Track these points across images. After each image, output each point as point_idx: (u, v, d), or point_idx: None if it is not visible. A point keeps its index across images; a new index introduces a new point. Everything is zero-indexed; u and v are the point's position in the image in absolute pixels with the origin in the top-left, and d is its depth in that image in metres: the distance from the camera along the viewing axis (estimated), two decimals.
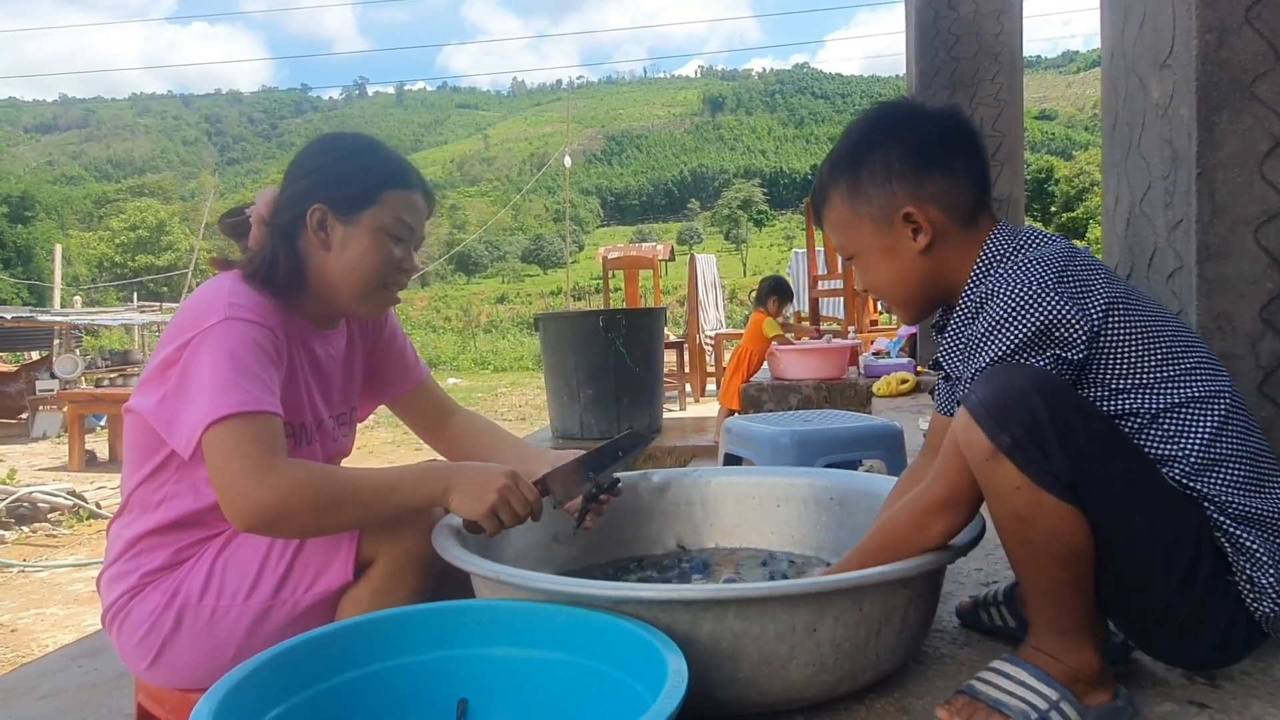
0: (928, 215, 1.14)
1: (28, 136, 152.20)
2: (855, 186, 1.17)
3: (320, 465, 1.20)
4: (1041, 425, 0.95)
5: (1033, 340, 1.02)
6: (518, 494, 1.23)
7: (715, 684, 1.04)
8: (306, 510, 1.13)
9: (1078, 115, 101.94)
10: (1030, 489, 0.96)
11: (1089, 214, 37.58)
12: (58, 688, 1.72)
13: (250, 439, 1.12)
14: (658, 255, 10.22)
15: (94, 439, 9.51)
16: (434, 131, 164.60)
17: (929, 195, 1.14)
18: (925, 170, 1.14)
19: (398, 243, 1.33)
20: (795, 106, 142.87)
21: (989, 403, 0.97)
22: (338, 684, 0.99)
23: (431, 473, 1.24)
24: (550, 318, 4.88)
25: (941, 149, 1.15)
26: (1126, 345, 1.03)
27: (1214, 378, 1.05)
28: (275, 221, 1.31)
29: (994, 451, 0.96)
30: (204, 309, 1.19)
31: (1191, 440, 1.01)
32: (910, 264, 1.17)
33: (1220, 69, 1.33)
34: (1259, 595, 1.00)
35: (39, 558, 5.19)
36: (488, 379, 18.87)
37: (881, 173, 1.15)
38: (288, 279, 1.29)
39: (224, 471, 1.11)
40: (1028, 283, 1.03)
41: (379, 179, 1.32)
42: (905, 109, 1.20)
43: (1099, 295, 1.04)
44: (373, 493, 1.19)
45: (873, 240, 1.18)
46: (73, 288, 30.39)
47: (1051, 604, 1.03)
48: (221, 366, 1.14)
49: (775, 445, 2.15)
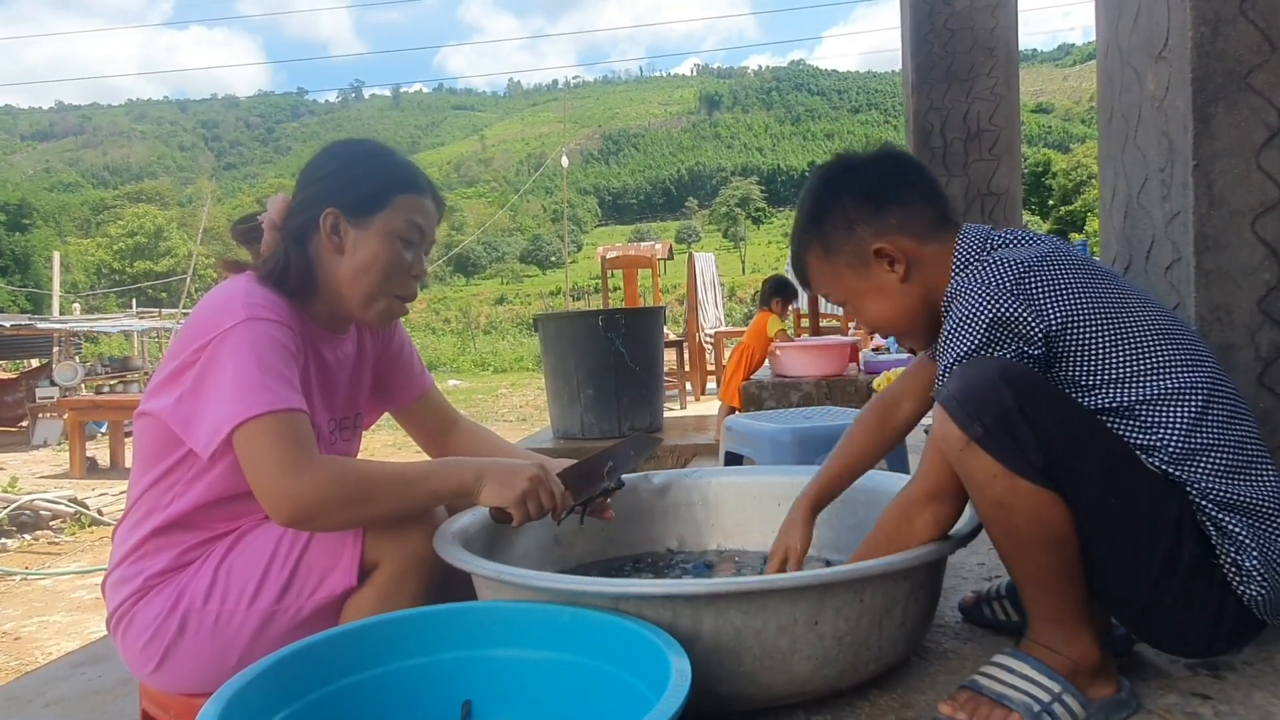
0: (898, 245, 1.20)
1: (24, 144, 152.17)
2: (825, 244, 1.25)
3: (352, 460, 1.21)
4: (1010, 413, 0.98)
5: (992, 333, 1.05)
6: (546, 486, 1.26)
7: (717, 679, 1.04)
8: (343, 503, 1.16)
9: (1074, 108, 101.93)
10: (1006, 476, 0.99)
11: (1087, 206, 37.58)
12: (62, 695, 1.72)
13: (283, 437, 1.13)
14: (656, 254, 10.22)
15: (95, 446, 9.51)
16: (430, 133, 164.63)
17: (892, 228, 1.21)
18: (881, 207, 1.21)
19: (409, 246, 1.34)
20: (792, 103, 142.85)
21: (960, 395, 1.01)
22: (342, 687, 0.99)
23: (464, 464, 1.27)
24: (550, 318, 4.88)
25: (889, 186, 1.23)
26: (1095, 343, 1.06)
27: (1193, 369, 1.06)
28: (288, 226, 1.33)
29: (967, 442, 1.00)
30: (221, 311, 1.20)
31: (1168, 432, 1.03)
32: (898, 294, 1.22)
33: (1215, 61, 1.33)
34: (1245, 579, 1.01)
35: (41, 565, 5.19)
36: (488, 380, 18.88)
37: (843, 223, 1.23)
38: (299, 282, 1.30)
39: (260, 470, 1.13)
40: (986, 283, 1.08)
41: (390, 183, 1.33)
42: (845, 163, 1.27)
43: (1062, 298, 1.07)
44: (406, 483, 1.21)
45: (858, 284, 1.24)
46: (71, 295, 30.37)
47: (1043, 593, 1.04)
48: (247, 366, 1.15)
49: (776, 443, 2.15)
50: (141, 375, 14.34)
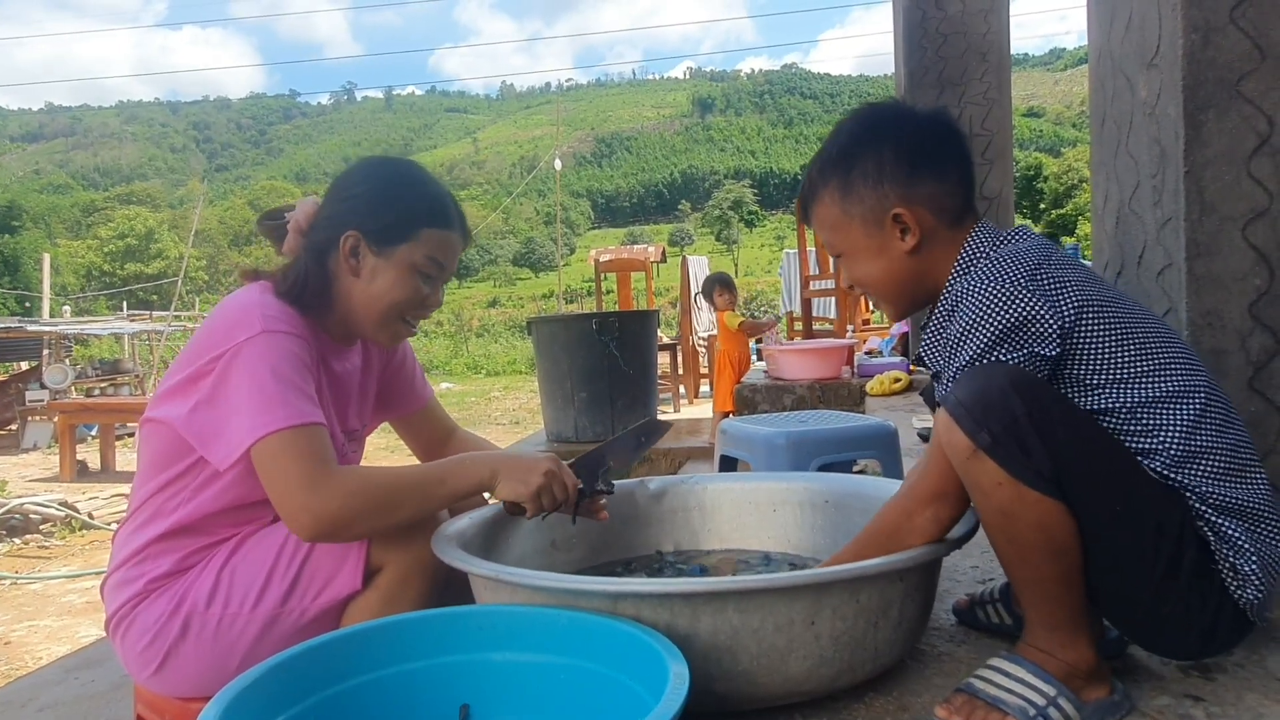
0: (917, 217, 1.16)
1: (14, 145, 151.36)
2: (846, 186, 1.18)
3: (370, 468, 1.21)
4: (1019, 422, 0.97)
5: (1006, 336, 1.03)
6: (559, 480, 1.27)
7: (714, 678, 1.04)
8: (366, 514, 1.16)
9: (1065, 112, 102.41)
10: (1012, 485, 0.97)
11: (1078, 210, 37.76)
12: (55, 699, 1.71)
13: (303, 452, 1.13)
14: (649, 257, 10.23)
15: (85, 449, 9.45)
16: (423, 136, 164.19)
17: (919, 198, 1.16)
18: (917, 173, 1.16)
19: (427, 280, 1.34)
20: (784, 107, 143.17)
21: (968, 402, 0.99)
22: (340, 691, 0.99)
23: (478, 460, 1.27)
24: (543, 321, 4.88)
25: (933, 152, 1.17)
26: (1101, 341, 1.05)
27: (1191, 373, 1.06)
28: (310, 238, 1.33)
29: (974, 450, 0.98)
30: (236, 322, 1.20)
31: (1170, 434, 1.03)
32: (897, 263, 1.18)
33: (1206, 68, 1.34)
34: (1242, 583, 1.01)
35: (31, 570, 5.16)
36: (481, 383, 18.83)
37: (874, 174, 1.16)
38: (315, 297, 1.30)
39: (281, 485, 1.13)
40: (1000, 280, 1.05)
41: (418, 215, 1.32)
42: (896, 110, 1.21)
43: (1072, 292, 1.06)
44: (425, 486, 1.22)
45: (862, 239, 1.19)
46: (61, 297, 30.19)
47: (1043, 599, 1.04)
48: (265, 380, 1.15)
49: (771, 446, 2.16)
50: (132, 378, 14.26)
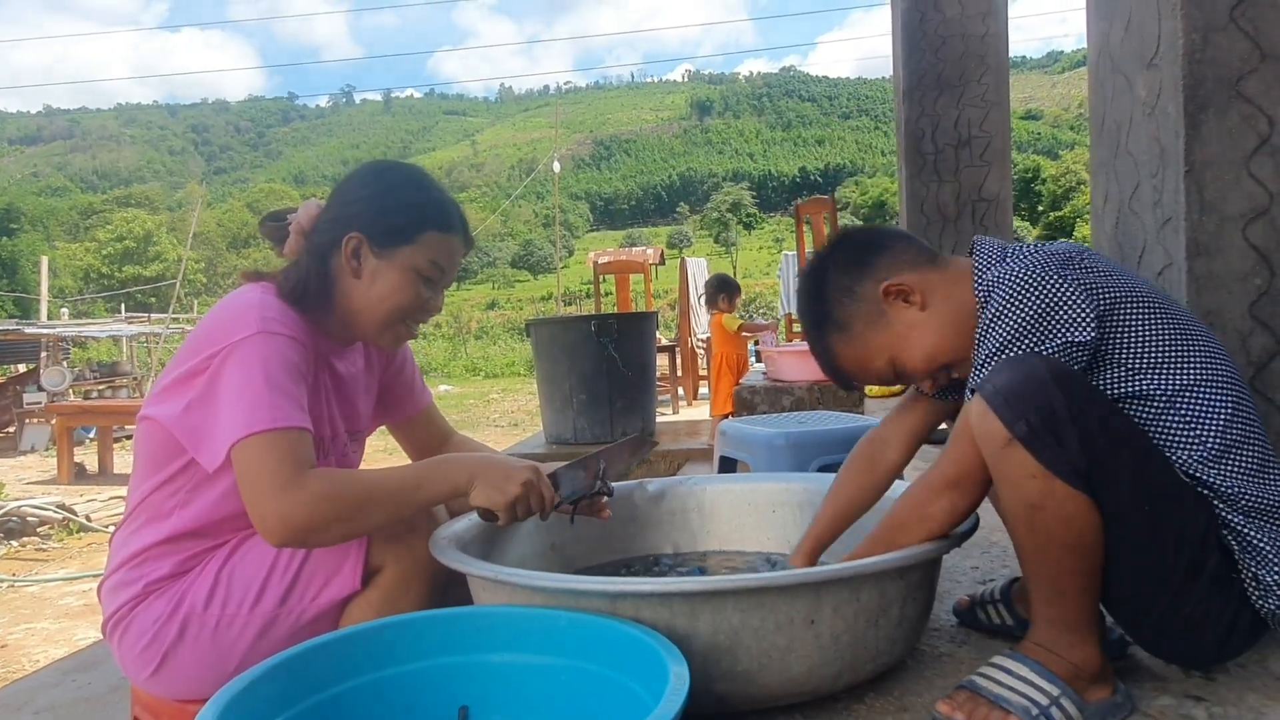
0: (901, 280, 1.18)
1: (12, 148, 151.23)
2: (840, 323, 1.22)
3: (344, 472, 1.19)
4: (1057, 414, 0.96)
5: (1038, 320, 1.03)
6: (537, 490, 1.25)
7: (714, 678, 1.04)
8: (336, 520, 1.14)
9: (1063, 115, 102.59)
10: (1044, 477, 0.97)
11: (1076, 212, 37.82)
12: (52, 702, 1.71)
13: (281, 455, 1.12)
14: (648, 259, 10.24)
15: (83, 451, 9.43)
16: (422, 138, 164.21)
17: (888, 270, 1.20)
18: (868, 263, 1.21)
19: (427, 283, 1.34)
20: (783, 109, 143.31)
21: (1005, 391, 0.98)
22: (339, 692, 0.99)
23: (456, 464, 1.25)
24: (542, 323, 4.87)
25: (864, 246, 1.24)
26: (1141, 324, 1.05)
27: (1224, 364, 1.07)
28: (313, 239, 1.32)
29: (1009, 439, 0.97)
30: (234, 321, 1.19)
31: (1211, 421, 1.02)
32: (928, 323, 1.18)
33: (1206, 68, 1.34)
34: (1264, 592, 1.01)
35: (29, 572, 5.15)
36: (479, 385, 18.83)
37: (844, 294, 1.21)
38: (316, 298, 1.29)
39: (253, 488, 1.11)
40: (1030, 267, 1.06)
41: (421, 219, 1.32)
42: (816, 258, 1.29)
43: (1108, 279, 1.06)
44: (399, 492, 1.20)
45: (887, 338, 1.20)
46: (59, 300, 30.15)
47: (1056, 596, 1.03)
48: (255, 381, 1.14)
49: (771, 447, 2.16)
50: (130, 380, 14.25)
